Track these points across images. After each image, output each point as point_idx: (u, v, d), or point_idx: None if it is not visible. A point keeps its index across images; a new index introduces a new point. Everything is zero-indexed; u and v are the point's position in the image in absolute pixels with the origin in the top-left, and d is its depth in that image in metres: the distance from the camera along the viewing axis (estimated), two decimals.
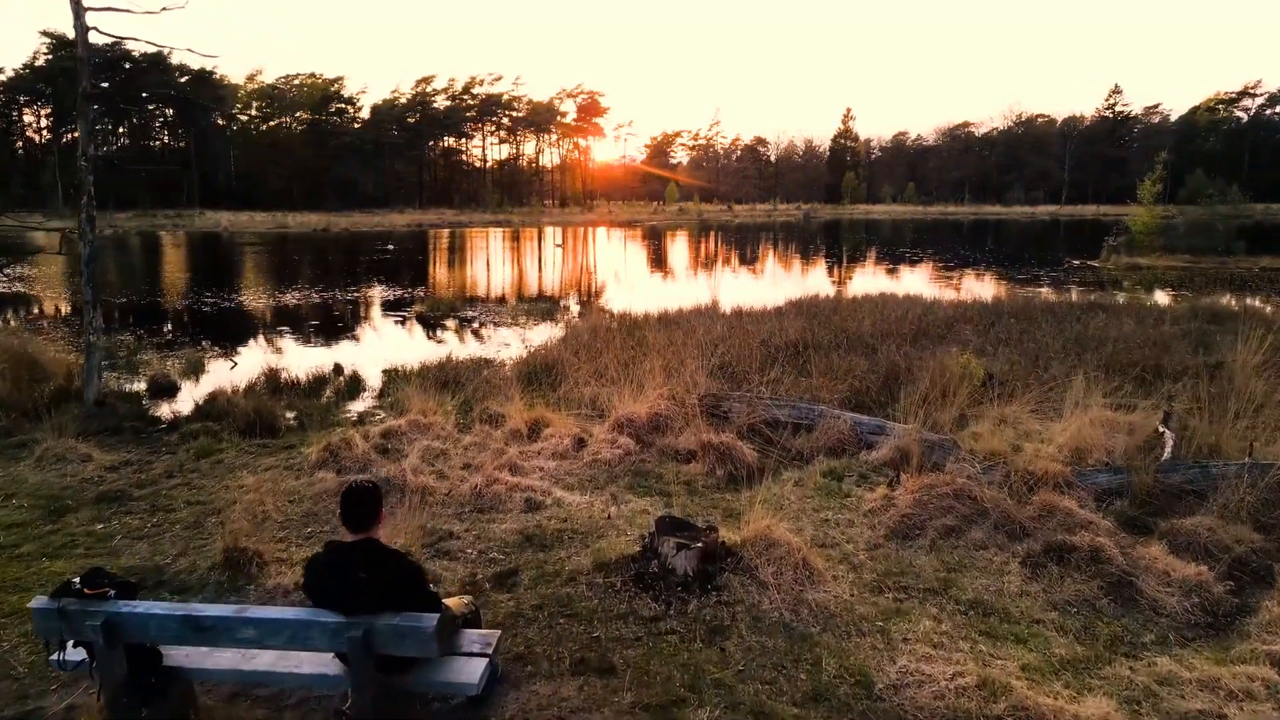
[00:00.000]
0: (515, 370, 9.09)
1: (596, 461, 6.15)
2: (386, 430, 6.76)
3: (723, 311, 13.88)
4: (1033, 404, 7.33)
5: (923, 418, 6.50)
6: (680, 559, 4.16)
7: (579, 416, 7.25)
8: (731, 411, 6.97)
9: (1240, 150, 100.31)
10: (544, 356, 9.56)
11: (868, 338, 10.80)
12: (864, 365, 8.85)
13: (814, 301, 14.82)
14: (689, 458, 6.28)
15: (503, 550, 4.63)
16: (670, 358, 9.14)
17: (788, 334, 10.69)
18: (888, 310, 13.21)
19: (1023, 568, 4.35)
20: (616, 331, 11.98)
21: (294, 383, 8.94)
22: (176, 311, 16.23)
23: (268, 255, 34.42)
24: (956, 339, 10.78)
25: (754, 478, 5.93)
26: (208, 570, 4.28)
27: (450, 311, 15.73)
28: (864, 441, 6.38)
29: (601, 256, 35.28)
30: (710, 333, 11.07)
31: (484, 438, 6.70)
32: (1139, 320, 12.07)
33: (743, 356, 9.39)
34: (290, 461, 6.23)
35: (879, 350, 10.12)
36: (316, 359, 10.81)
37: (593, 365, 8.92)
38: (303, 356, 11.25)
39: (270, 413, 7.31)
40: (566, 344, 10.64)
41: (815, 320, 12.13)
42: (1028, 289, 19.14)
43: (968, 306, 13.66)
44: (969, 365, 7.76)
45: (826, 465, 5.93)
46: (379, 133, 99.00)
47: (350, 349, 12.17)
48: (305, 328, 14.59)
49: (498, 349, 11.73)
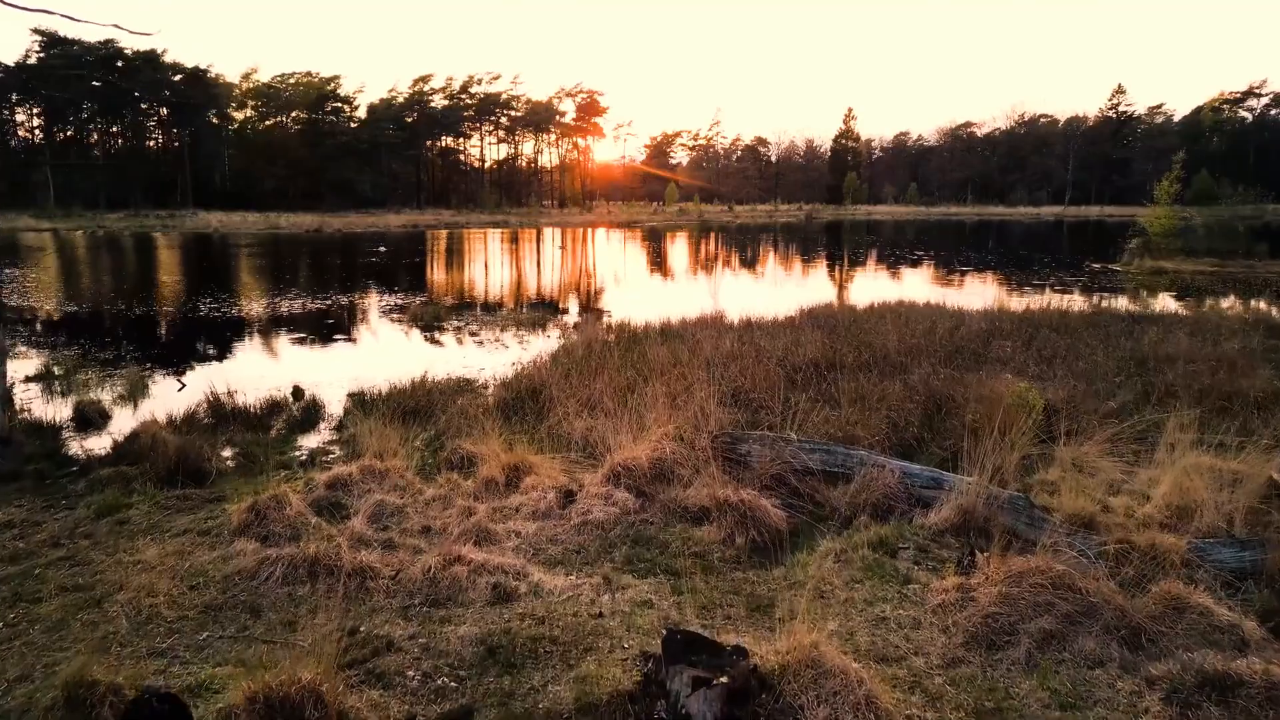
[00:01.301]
0: (497, 396, 7.91)
1: (587, 524, 4.96)
2: (334, 479, 5.57)
3: (731, 322, 12.71)
4: (1106, 443, 6.16)
5: (983, 464, 5.33)
6: (698, 702, 2.97)
7: (567, 460, 6.08)
8: (751, 455, 5.79)
9: (1245, 150, 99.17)
10: (531, 379, 8.37)
11: (895, 355, 9.63)
12: (898, 391, 7.66)
13: (829, 311, 13.63)
14: (701, 518, 5.10)
15: (456, 672, 3.44)
16: (675, 381, 7.97)
17: (806, 351, 9.51)
18: (912, 321, 12.02)
19: (1167, 706, 3.17)
20: (614, 346, 10.81)
21: (242, 411, 7.74)
22: (135, 321, 14.99)
23: (253, 257, 33.23)
24: (995, 357, 9.60)
25: (783, 547, 4.76)
26: (43, 714, 3.09)
27: (435, 321, 14.53)
28: (916, 498, 5.20)
29: (600, 259, 34.11)
30: (719, 348, 9.90)
31: (451, 489, 5.52)
32: (1194, 334, 10.89)
33: (758, 379, 8.21)
34: (209, 523, 5.04)
35: (910, 370, 8.95)
36: (277, 377, 9.63)
37: (586, 390, 7.74)
38: (263, 374, 10.06)
39: (198, 454, 6.12)
40: (557, 362, 9.46)
41: (834, 334, 10.95)
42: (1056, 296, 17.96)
43: (999, 317, 12.47)
44: (1027, 395, 6.59)
45: (874, 532, 4.74)
46: (376, 132, 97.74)
47: (318, 365, 10.98)
48: (273, 339, 13.40)
49: (481, 366, 10.54)
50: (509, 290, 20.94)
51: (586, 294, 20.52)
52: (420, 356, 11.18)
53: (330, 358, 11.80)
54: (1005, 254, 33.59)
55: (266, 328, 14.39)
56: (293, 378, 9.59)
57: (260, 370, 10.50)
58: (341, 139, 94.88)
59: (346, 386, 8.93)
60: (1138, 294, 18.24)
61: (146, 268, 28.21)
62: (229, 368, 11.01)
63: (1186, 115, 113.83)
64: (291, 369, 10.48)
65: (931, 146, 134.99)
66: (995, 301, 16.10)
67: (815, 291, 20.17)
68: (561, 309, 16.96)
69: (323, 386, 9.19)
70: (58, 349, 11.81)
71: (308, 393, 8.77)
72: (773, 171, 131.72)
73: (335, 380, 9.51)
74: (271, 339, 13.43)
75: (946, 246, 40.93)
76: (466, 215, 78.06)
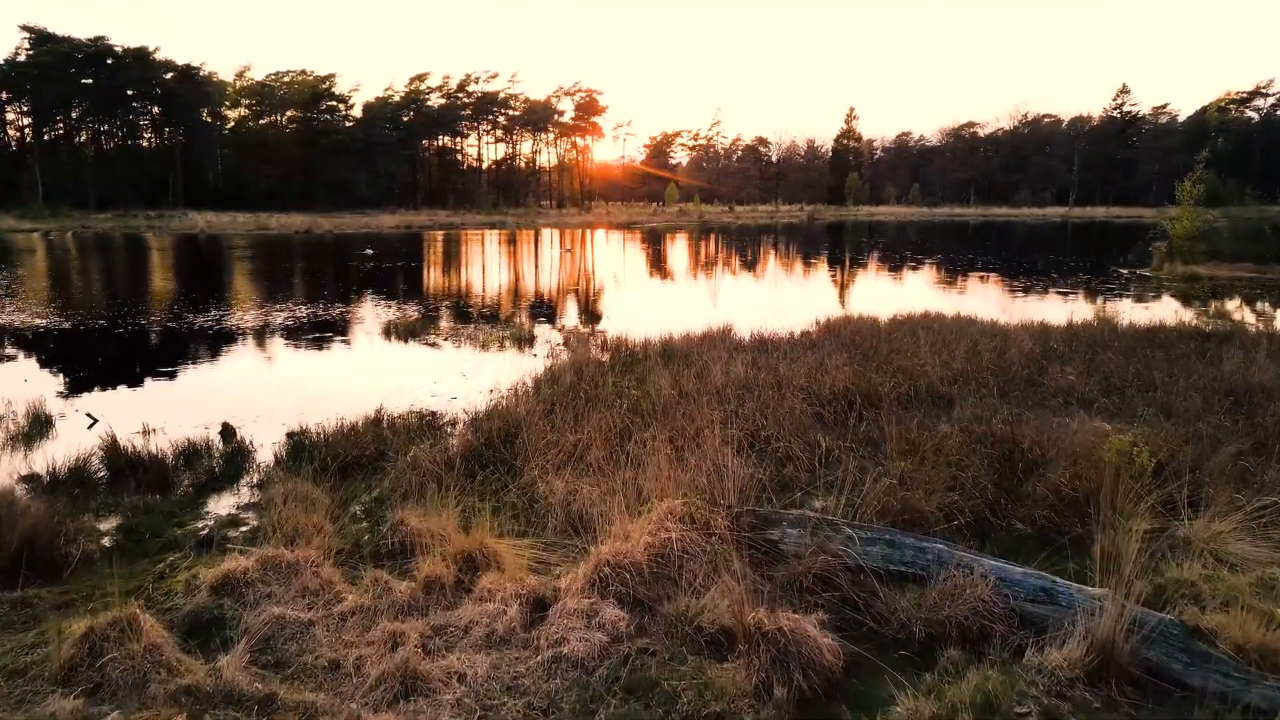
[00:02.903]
0: (462, 441, 6.44)
1: (561, 659, 3.51)
2: (223, 578, 4.12)
3: (740, 338, 11.26)
4: (1244, 521, 4.73)
5: (1112, 565, 3.88)
6: None
7: (540, 545, 4.63)
8: (785, 542, 4.34)
9: (1251, 151, 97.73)
10: (505, 417, 6.91)
11: (938, 383, 8.19)
12: (956, 438, 6.20)
13: (850, 325, 12.18)
14: (721, 646, 3.66)
15: None
16: (679, 421, 6.53)
17: (834, 379, 8.06)
18: (947, 338, 10.59)
19: None
20: (609, 369, 9.37)
21: (147, 461, 6.26)
22: (67, 336, 13.46)
23: (231, 261, 31.76)
24: (1056, 387, 8.15)
25: (837, 697, 3.32)
26: None
27: (409, 336, 13.04)
28: (1019, 615, 3.75)
29: (597, 263, 32.62)
30: (730, 374, 8.46)
31: (379, 595, 4.07)
32: (1273, 356, 9.44)
33: (781, 418, 6.77)
34: (27, 658, 3.57)
35: (958, 403, 7.52)
36: (212, 408, 8.17)
37: (571, 435, 6.29)
38: (196, 404, 8.61)
39: (53, 535, 4.66)
40: (540, 392, 8.00)
41: (861, 354, 9.51)
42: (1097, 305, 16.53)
43: (1043, 333, 11.03)
44: (1132, 453, 5.13)
45: (974, 684, 3.26)
46: (371, 132, 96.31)
47: (264, 392, 9.49)
48: (222, 358, 11.91)
49: (454, 394, 9.06)
50: (497, 298, 19.46)
51: (581, 303, 19.06)
52: (385, 381, 9.70)
53: (281, 382, 10.32)
54: (1021, 257, 32.15)
55: (217, 344, 12.89)
56: (229, 409, 8.14)
57: (195, 397, 9.03)
58: (337, 138, 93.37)
59: (289, 422, 7.46)
60: (1185, 303, 16.79)
61: (111, 273, 26.72)
62: (160, 394, 9.53)
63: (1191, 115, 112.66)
64: (232, 397, 9.00)
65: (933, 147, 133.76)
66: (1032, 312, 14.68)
67: (829, 300, 18.73)
68: (552, 320, 15.48)
69: (261, 422, 7.72)
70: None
71: (240, 432, 7.31)
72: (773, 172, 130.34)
73: (279, 413, 8.03)
74: (220, 357, 11.93)
75: (958, 248, 39.50)
76: (462, 216, 76.60)
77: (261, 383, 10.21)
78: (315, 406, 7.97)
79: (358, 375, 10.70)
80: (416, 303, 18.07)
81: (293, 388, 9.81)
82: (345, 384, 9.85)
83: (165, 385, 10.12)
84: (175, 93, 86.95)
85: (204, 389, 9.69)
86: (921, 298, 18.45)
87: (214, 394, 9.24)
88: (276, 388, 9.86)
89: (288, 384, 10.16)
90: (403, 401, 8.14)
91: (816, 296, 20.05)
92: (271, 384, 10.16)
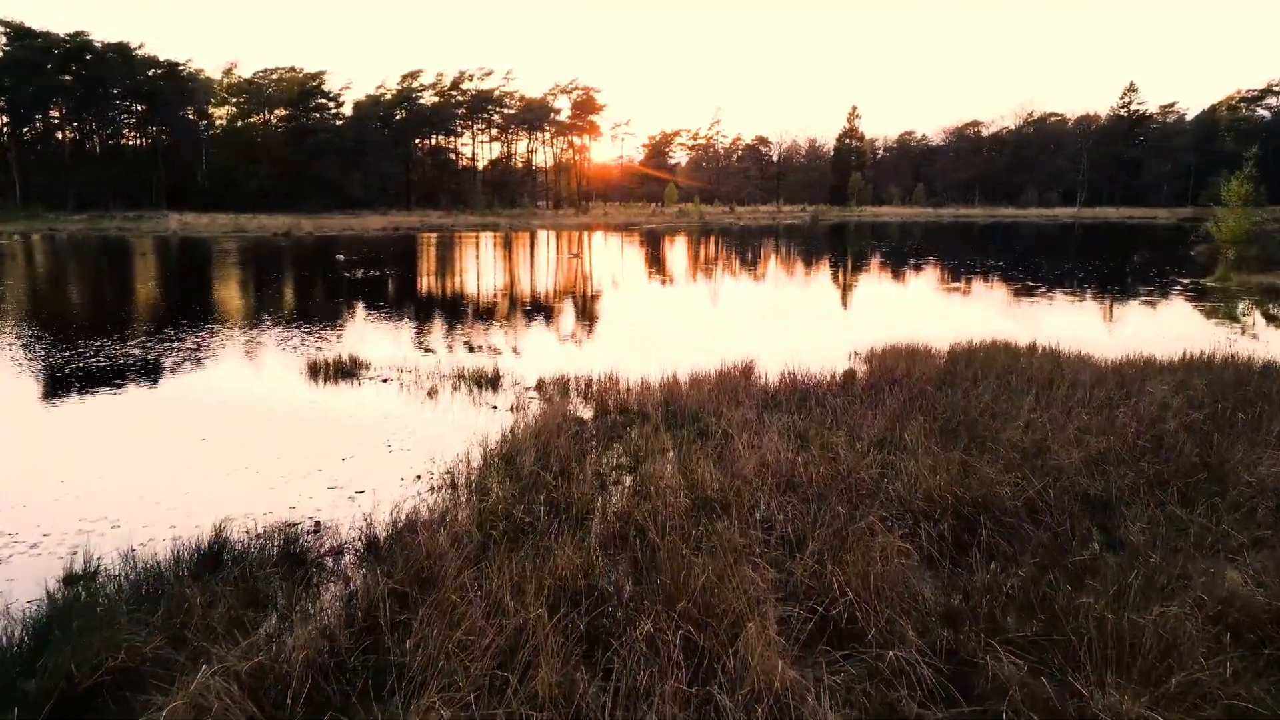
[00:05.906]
0: (309, 640, 3.67)
1: None
2: None
3: (768, 384, 8.56)
4: None
5: None
6: None
7: None
8: None
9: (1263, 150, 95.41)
10: (408, 568, 4.18)
11: (1074, 472, 5.49)
12: (1194, 626, 3.51)
13: (903, 358, 9.52)
14: None
15: None
16: (697, 581, 3.86)
17: (926, 477, 5.34)
18: (1040, 381, 7.96)
19: None
20: (590, 439, 6.72)
21: None
22: None
23: (179, 269, 29.02)
24: (1249, 479, 5.46)
25: None
26: None
27: (346, 376, 10.08)
28: None
29: (596, 267, 29.89)
30: (761, 448, 5.80)
31: None
32: None
33: (865, 570, 4.08)
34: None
35: (1118, 510, 4.87)
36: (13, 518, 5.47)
37: (512, 617, 3.61)
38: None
39: None
40: (481, 501, 5.28)
41: (941, 416, 6.83)
42: (1193, 327, 13.87)
43: (1174, 372, 8.33)
44: None
45: None
46: (362, 131, 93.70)
47: (65, 494, 6.60)
48: (52, 416, 9.18)
49: (341, 500, 5.88)
50: (467, 316, 16.65)
51: (567, 323, 16.33)
52: (252, 472, 6.54)
53: (102, 475, 7.49)
54: (1052, 262, 29.46)
55: (99, 384, 10.07)
56: (37, 517, 5.44)
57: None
58: (327, 137, 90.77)
59: (56, 567, 4.70)
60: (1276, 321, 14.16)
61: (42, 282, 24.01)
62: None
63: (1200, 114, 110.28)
64: (19, 501, 6.22)
65: (937, 146, 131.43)
66: (1120, 337, 12.01)
67: (861, 318, 16.00)
68: (529, 349, 12.73)
69: (15, 561, 4.95)
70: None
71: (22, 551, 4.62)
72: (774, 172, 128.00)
73: (55, 542, 5.26)
74: (52, 413, 9.16)
75: (978, 253, 36.85)
76: (455, 217, 73.93)
77: (77, 471, 6.86)
78: (122, 513, 5.23)
79: (222, 454, 7.05)
80: (367, 321, 15.31)
81: (153, 463, 6.96)
82: (231, 458, 6.97)
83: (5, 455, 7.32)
84: (159, 90, 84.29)
85: (59, 458, 6.91)
86: (971, 315, 15.76)
87: (51, 478, 6.48)
88: (89, 485, 6.49)
89: (110, 477, 6.56)
90: (240, 527, 5.05)
91: (845, 313, 17.37)
92: (88, 476, 6.98)
